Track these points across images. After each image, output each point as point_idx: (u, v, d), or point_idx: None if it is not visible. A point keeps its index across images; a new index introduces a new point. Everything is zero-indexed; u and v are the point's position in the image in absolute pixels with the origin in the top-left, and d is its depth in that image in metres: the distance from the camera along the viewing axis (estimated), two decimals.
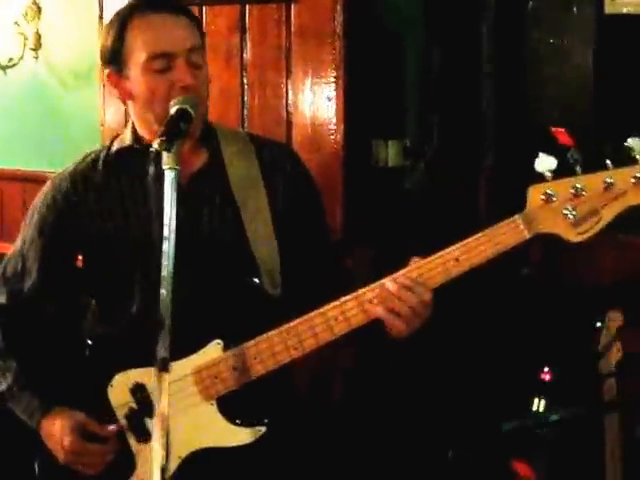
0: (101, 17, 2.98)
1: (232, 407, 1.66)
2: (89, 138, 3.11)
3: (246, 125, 2.76)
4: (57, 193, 1.81)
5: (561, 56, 2.57)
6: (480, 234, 1.54)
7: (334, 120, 2.60)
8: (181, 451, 1.66)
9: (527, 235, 1.53)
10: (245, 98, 2.76)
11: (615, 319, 2.22)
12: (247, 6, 2.71)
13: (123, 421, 1.71)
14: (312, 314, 1.62)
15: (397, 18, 2.81)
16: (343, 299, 1.60)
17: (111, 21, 1.76)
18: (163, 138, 1.50)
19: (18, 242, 1.87)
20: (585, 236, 1.52)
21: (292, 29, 2.63)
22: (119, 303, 1.78)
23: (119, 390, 1.71)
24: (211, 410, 1.67)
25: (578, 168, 1.51)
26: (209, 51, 2.68)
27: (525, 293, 2.65)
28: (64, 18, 3.43)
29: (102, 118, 3.06)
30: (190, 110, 1.61)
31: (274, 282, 1.72)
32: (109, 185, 1.79)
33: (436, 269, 1.55)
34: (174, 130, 1.54)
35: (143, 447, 1.69)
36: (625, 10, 2.78)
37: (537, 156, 1.53)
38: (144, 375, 1.68)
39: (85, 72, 3.38)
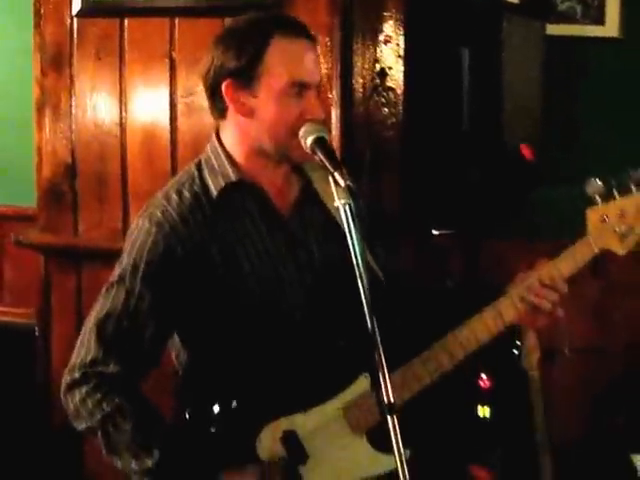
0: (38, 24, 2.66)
1: (377, 435, 1.64)
2: None
3: None
4: (172, 239, 1.63)
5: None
6: (563, 254, 1.76)
7: None
8: None
9: (596, 251, 1.74)
10: None
11: None
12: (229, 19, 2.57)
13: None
14: (446, 338, 1.70)
15: None
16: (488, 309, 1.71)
17: (242, 31, 1.66)
18: (345, 171, 1.46)
19: (115, 299, 1.64)
20: (627, 249, 1.77)
21: None
22: (247, 351, 1.67)
23: (268, 443, 1.61)
24: (361, 443, 1.65)
25: (616, 193, 1.76)
26: (185, 65, 2.64)
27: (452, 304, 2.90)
28: None
29: (38, 141, 2.75)
30: (327, 138, 1.57)
31: None
32: (222, 224, 1.66)
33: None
34: (337, 160, 1.50)
35: None
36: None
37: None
38: (291, 422, 1.61)
39: None
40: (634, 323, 3.05)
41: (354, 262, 1.44)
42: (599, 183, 1.77)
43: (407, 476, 1.36)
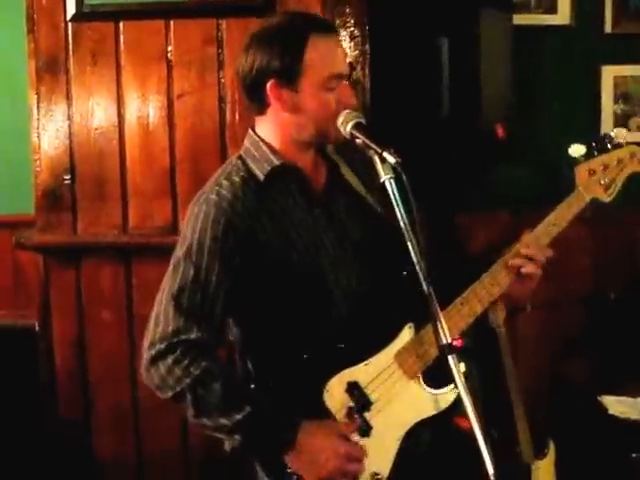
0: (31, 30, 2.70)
1: (428, 377, 1.82)
2: None
3: (227, 140, 2.76)
4: (231, 215, 1.76)
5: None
6: (561, 204, 1.98)
7: None
8: (399, 433, 1.78)
9: (587, 200, 1.99)
10: (226, 114, 2.74)
11: None
12: (224, 20, 2.69)
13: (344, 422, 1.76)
14: (474, 285, 1.90)
15: None
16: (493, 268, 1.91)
17: (281, 33, 1.79)
18: (393, 150, 1.64)
19: (184, 274, 1.75)
20: (612, 197, 2.04)
21: None
22: (310, 314, 1.80)
23: (334, 393, 1.75)
24: (416, 386, 1.81)
25: (595, 153, 2.05)
26: (181, 66, 2.72)
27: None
28: None
29: (35, 145, 2.79)
30: (364, 122, 1.75)
31: None
32: (270, 202, 1.81)
33: (542, 234, 1.95)
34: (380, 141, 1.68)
35: (367, 441, 1.76)
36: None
37: None
38: (354, 373, 1.76)
39: None
40: (586, 279, 3.33)
41: (403, 229, 1.64)
42: (581, 146, 2.02)
43: (471, 405, 1.57)
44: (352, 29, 2.90)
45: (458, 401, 2.91)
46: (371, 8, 2.94)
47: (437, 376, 1.81)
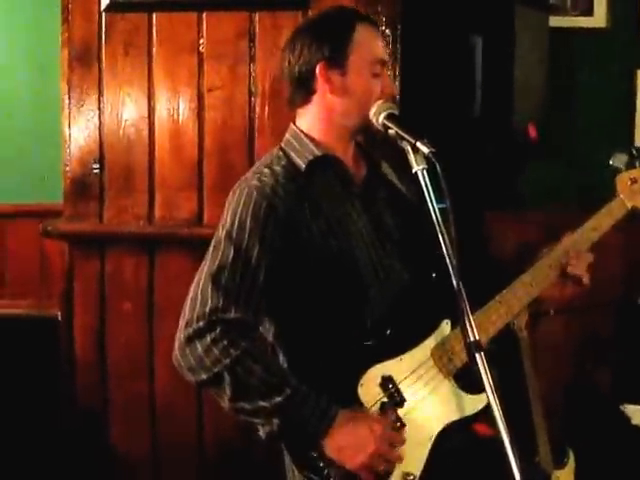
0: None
1: (463, 378, 1.79)
2: None
3: (255, 134, 2.75)
4: (272, 198, 1.75)
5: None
6: (602, 210, 2.01)
7: None
8: (432, 431, 1.74)
9: (629, 208, 2.01)
10: (256, 108, 2.74)
11: None
12: (257, 13, 2.69)
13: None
14: (513, 284, 1.89)
15: None
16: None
17: (330, 22, 1.87)
18: (426, 140, 1.64)
19: (224, 254, 1.73)
20: None
21: None
22: (346, 305, 1.78)
23: (369, 387, 1.72)
24: (450, 385, 1.78)
25: (637, 163, 2.06)
26: (213, 59, 2.73)
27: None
28: None
29: (65, 135, 2.81)
30: (397, 113, 1.78)
31: None
32: (311, 191, 1.81)
33: (583, 239, 1.97)
34: (414, 130, 1.69)
35: None
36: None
37: None
38: (388, 367, 1.74)
39: None
40: (615, 284, 3.27)
41: (434, 221, 1.63)
42: (623, 155, 2.05)
43: (499, 408, 1.54)
44: (384, 28, 2.88)
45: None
46: (404, 6, 2.92)
47: (470, 379, 1.76)
